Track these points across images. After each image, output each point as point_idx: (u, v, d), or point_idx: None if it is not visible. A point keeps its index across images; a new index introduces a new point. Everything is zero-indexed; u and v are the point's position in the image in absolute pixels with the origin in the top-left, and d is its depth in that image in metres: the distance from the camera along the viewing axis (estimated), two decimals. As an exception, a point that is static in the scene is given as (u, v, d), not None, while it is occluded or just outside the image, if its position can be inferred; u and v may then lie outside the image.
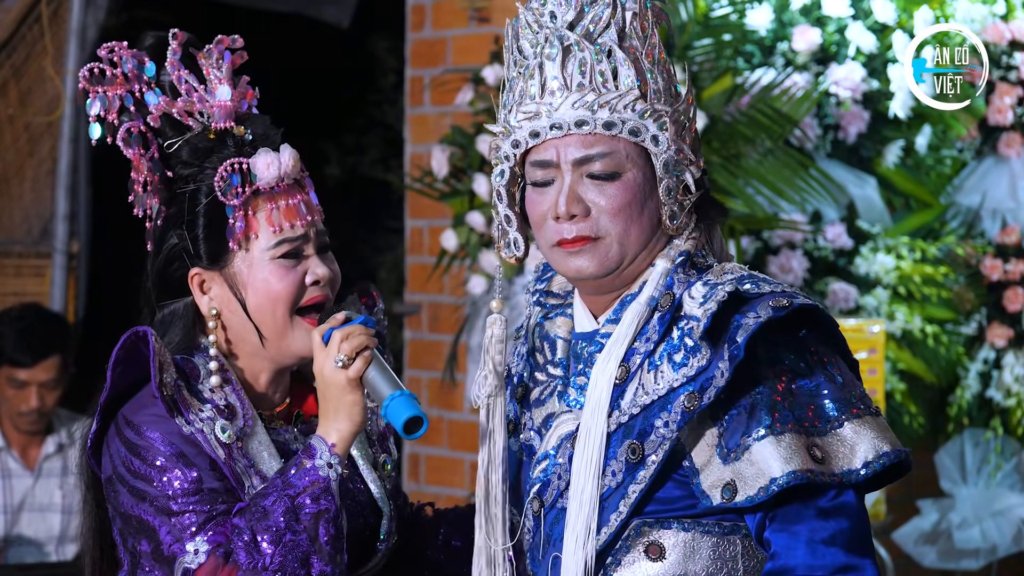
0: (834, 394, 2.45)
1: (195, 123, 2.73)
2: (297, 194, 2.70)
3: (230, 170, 2.66)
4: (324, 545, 2.52)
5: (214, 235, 2.69)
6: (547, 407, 2.62)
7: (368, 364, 2.57)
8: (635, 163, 2.50)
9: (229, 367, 2.70)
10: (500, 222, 2.61)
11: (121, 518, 2.63)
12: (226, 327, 2.71)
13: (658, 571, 2.46)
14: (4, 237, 6.62)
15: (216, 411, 2.63)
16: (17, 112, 6.58)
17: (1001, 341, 5.83)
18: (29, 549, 5.65)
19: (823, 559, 2.40)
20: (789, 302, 2.43)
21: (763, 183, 5.37)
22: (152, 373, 2.58)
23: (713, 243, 2.60)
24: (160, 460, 2.58)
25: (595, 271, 2.51)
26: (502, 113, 2.56)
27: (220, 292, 2.70)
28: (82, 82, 2.72)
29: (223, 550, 2.53)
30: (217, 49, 2.75)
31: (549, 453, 2.57)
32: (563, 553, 2.49)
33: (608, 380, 2.49)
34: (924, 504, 5.88)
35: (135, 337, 2.63)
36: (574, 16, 2.52)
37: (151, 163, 2.71)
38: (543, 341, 2.66)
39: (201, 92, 2.72)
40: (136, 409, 2.63)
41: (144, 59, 2.75)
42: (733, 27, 5.51)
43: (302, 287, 2.69)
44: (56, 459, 5.71)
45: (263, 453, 2.66)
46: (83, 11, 6.45)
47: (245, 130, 2.71)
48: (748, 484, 2.40)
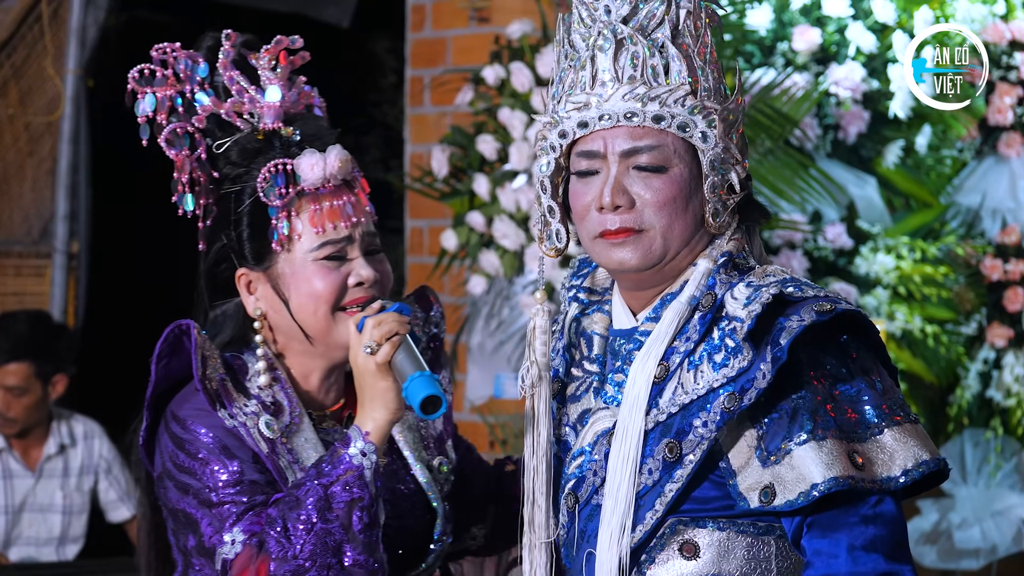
0: (875, 400, 2.45)
1: (244, 124, 2.73)
2: (343, 195, 2.69)
3: (273, 171, 2.66)
4: (358, 534, 2.52)
5: (258, 236, 2.69)
6: (583, 403, 2.61)
7: (396, 349, 2.58)
8: (682, 158, 2.50)
9: (278, 366, 2.71)
10: (543, 213, 2.60)
11: (171, 515, 2.65)
12: (274, 327, 2.72)
13: (692, 570, 2.46)
14: (4, 237, 6.62)
15: (261, 406, 2.64)
16: (17, 112, 6.58)
17: (1001, 341, 5.83)
18: (30, 549, 5.65)
19: (864, 566, 2.39)
20: (832, 307, 2.43)
21: (763, 183, 5.37)
22: (194, 365, 2.60)
23: (753, 246, 2.59)
24: (203, 453, 2.60)
25: (638, 264, 2.51)
26: (551, 104, 2.56)
27: (265, 292, 2.71)
28: (131, 83, 2.73)
29: (257, 539, 2.54)
30: (273, 50, 2.74)
31: (585, 449, 2.57)
32: (597, 550, 2.48)
33: (647, 378, 2.49)
34: (924, 504, 5.88)
35: (178, 331, 2.65)
36: (628, 11, 2.52)
37: (198, 163, 2.71)
38: (579, 337, 2.65)
39: (252, 93, 2.73)
40: (182, 403, 2.65)
41: (199, 59, 2.75)
42: (733, 27, 5.51)
43: (344, 288, 2.69)
44: (57, 460, 5.71)
45: (308, 449, 2.66)
46: (83, 11, 6.45)
47: (293, 131, 2.71)
48: (788, 488, 2.40)
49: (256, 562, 2.53)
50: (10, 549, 5.62)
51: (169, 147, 2.71)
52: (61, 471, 5.70)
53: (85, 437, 5.77)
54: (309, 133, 2.72)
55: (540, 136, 2.58)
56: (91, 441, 5.77)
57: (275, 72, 2.74)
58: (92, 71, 6.53)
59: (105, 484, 5.77)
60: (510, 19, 5.56)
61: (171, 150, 2.71)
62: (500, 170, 5.33)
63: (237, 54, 2.75)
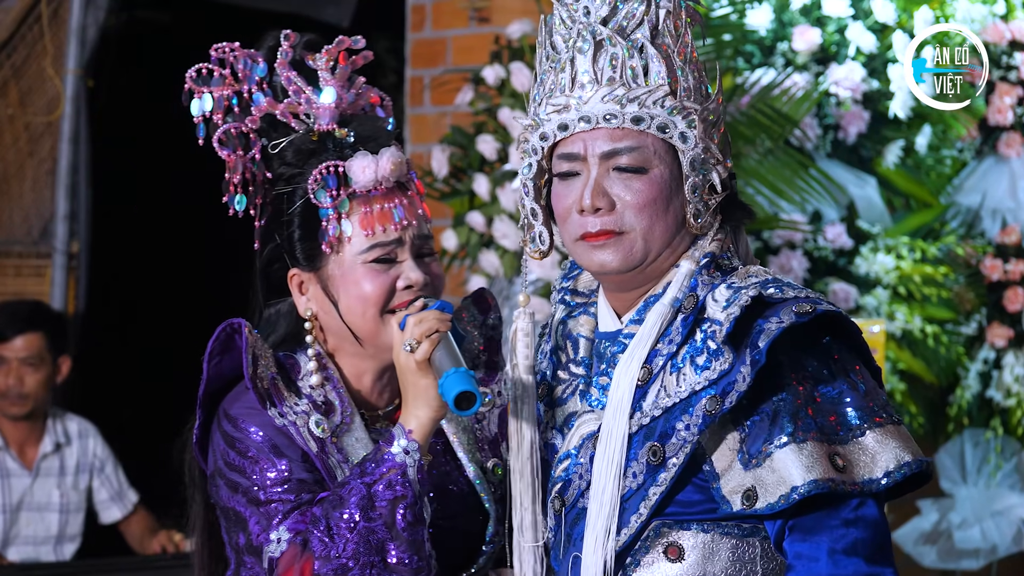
0: (857, 402, 2.44)
1: (298, 124, 2.73)
2: (395, 198, 2.69)
3: (325, 173, 2.66)
4: (401, 532, 2.52)
5: (308, 237, 2.69)
6: (568, 406, 2.62)
7: (435, 346, 2.57)
8: (662, 159, 2.50)
9: (330, 365, 2.71)
10: (526, 216, 2.61)
11: (223, 513, 2.66)
12: (325, 328, 2.72)
13: (677, 572, 2.46)
14: (4, 237, 6.62)
15: (312, 406, 2.65)
16: (17, 112, 6.58)
17: (1001, 341, 5.83)
18: (28, 549, 5.65)
19: (845, 569, 2.39)
20: (812, 308, 2.42)
21: (763, 183, 5.37)
22: (244, 364, 2.60)
23: (739, 245, 2.59)
24: (253, 451, 2.60)
25: (619, 266, 2.51)
26: (531, 107, 2.57)
27: (316, 293, 2.71)
28: (188, 83, 2.72)
29: (302, 538, 2.54)
30: (332, 51, 2.74)
31: (570, 452, 2.57)
32: (583, 553, 2.49)
33: (630, 381, 2.49)
34: (924, 504, 5.88)
35: (230, 329, 2.65)
36: (608, 12, 2.52)
37: (252, 163, 2.70)
38: (566, 339, 2.66)
39: (308, 93, 2.72)
40: (234, 401, 2.65)
41: (258, 59, 2.75)
42: (733, 27, 5.51)
43: (392, 291, 2.68)
44: (54, 458, 5.71)
45: (359, 449, 2.66)
46: (83, 11, 6.45)
47: (348, 132, 2.70)
48: (769, 491, 2.39)
49: (300, 561, 2.53)
50: (8, 549, 5.62)
51: (221, 147, 2.70)
52: (58, 470, 5.71)
53: (80, 436, 5.78)
54: (364, 134, 2.71)
55: (523, 139, 2.58)
56: (85, 440, 5.78)
57: (333, 73, 2.73)
58: (92, 71, 6.52)
59: (98, 483, 5.77)
60: (510, 19, 5.56)
61: (223, 150, 2.70)
62: (500, 170, 5.33)
63: (296, 54, 2.74)
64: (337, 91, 2.73)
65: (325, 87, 2.72)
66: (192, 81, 2.72)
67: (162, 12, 7.49)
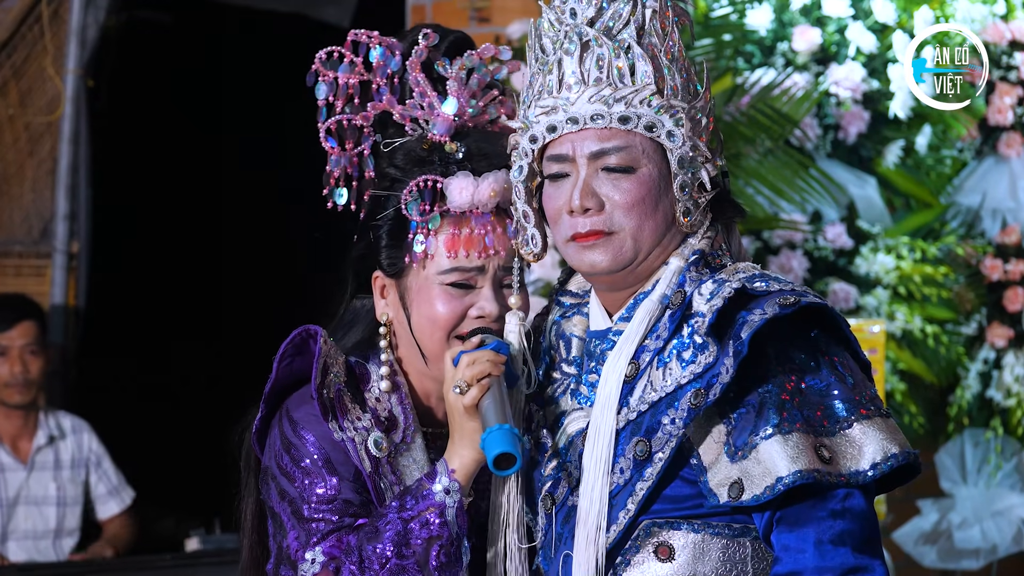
0: (844, 394, 2.44)
1: (411, 127, 2.68)
2: (488, 224, 2.63)
3: (421, 186, 2.61)
4: (433, 571, 2.49)
5: (395, 245, 2.65)
6: (560, 405, 2.62)
7: (484, 392, 2.53)
8: (651, 159, 2.51)
9: (401, 377, 2.67)
10: (518, 218, 2.61)
11: (270, 512, 2.64)
12: (397, 336, 2.68)
13: (667, 572, 2.46)
14: (4, 237, 6.62)
15: (374, 421, 2.61)
16: (17, 112, 6.58)
17: (1001, 341, 5.83)
18: (27, 544, 5.66)
19: (832, 560, 2.39)
20: (796, 300, 2.42)
21: (763, 183, 5.37)
22: (313, 374, 2.57)
23: (731, 243, 2.59)
24: (306, 461, 2.58)
25: (608, 266, 2.51)
26: (521, 110, 2.57)
27: (394, 301, 2.68)
28: (316, 64, 2.67)
29: (335, 565, 2.52)
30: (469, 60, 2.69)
31: (560, 451, 2.57)
32: (574, 551, 2.49)
33: (618, 377, 2.50)
34: (924, 504, 5.88)
35: (305, 334, 2.62)
36: (594, 13, 2.53)
37: (359, 158, 2.68)
38: (559, 339, 2.66)
39: (432, 99, 2.66)
40: (299, 403, 2.62)
41: (396, 51, 2.69)
42: (733, 27, 5.51)
43: (463, 317, 2.63)
44: (48, 451, 5.73)
45: (414, 471, 2.62)
46: (83, 11, 6.45)
47: (459, 147, 2.64)
48: (755, 483, 2.40)
49: None
50: (7, 544, 5.63)
51: (327, 137, 2.67)
52: (53, 463, 5.72)
53: (74, 431, 5.80)
54: (474, 152, 2.65)
55: (513, 142, 2.58)
56: (80, 435, 5.80)
57: (466, 85, 2.67)
58: (92, 71, 6.53)
59: (95, 478, 5.79)
60: (510, 19, 5.56)
61: (327, 141, 2.67)
62: (500, 170, 5.33)
63: (428, 56, 2.68)
64: (461, 103, 2.66)
65: (450, 96, 2.66)
66: (320, 63, 2.67)
67: (162, 12, 7.49)
